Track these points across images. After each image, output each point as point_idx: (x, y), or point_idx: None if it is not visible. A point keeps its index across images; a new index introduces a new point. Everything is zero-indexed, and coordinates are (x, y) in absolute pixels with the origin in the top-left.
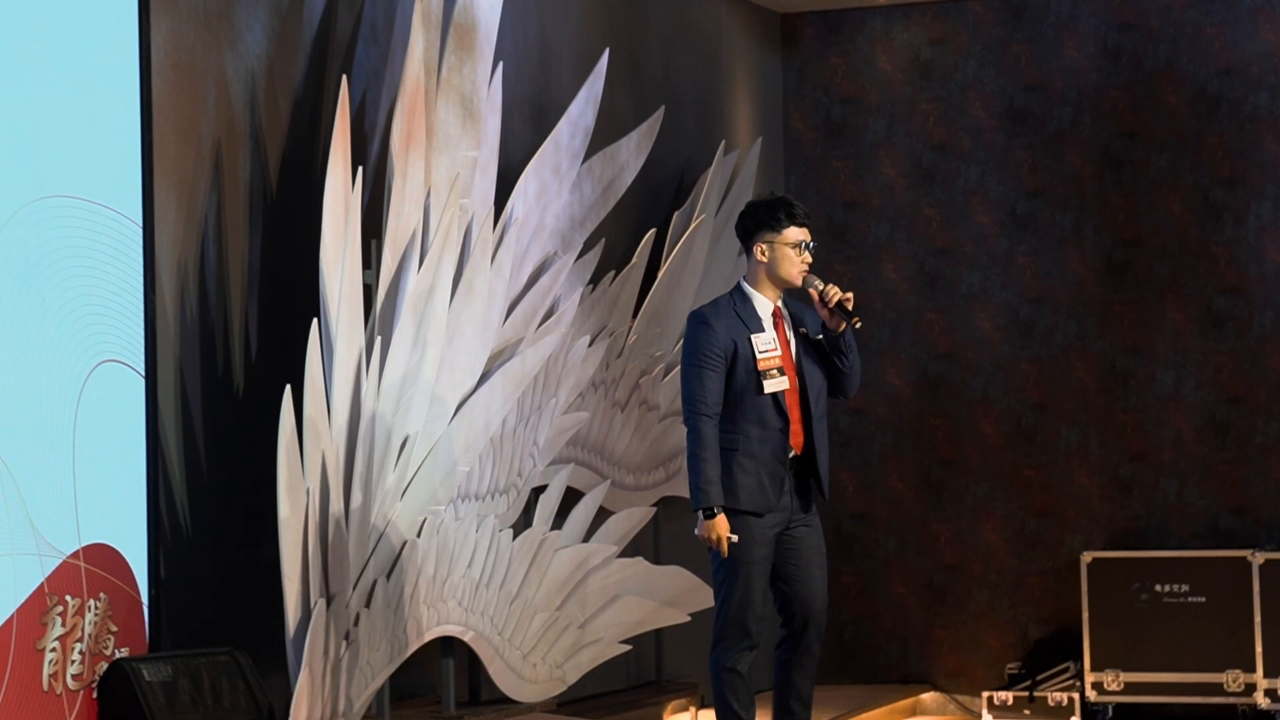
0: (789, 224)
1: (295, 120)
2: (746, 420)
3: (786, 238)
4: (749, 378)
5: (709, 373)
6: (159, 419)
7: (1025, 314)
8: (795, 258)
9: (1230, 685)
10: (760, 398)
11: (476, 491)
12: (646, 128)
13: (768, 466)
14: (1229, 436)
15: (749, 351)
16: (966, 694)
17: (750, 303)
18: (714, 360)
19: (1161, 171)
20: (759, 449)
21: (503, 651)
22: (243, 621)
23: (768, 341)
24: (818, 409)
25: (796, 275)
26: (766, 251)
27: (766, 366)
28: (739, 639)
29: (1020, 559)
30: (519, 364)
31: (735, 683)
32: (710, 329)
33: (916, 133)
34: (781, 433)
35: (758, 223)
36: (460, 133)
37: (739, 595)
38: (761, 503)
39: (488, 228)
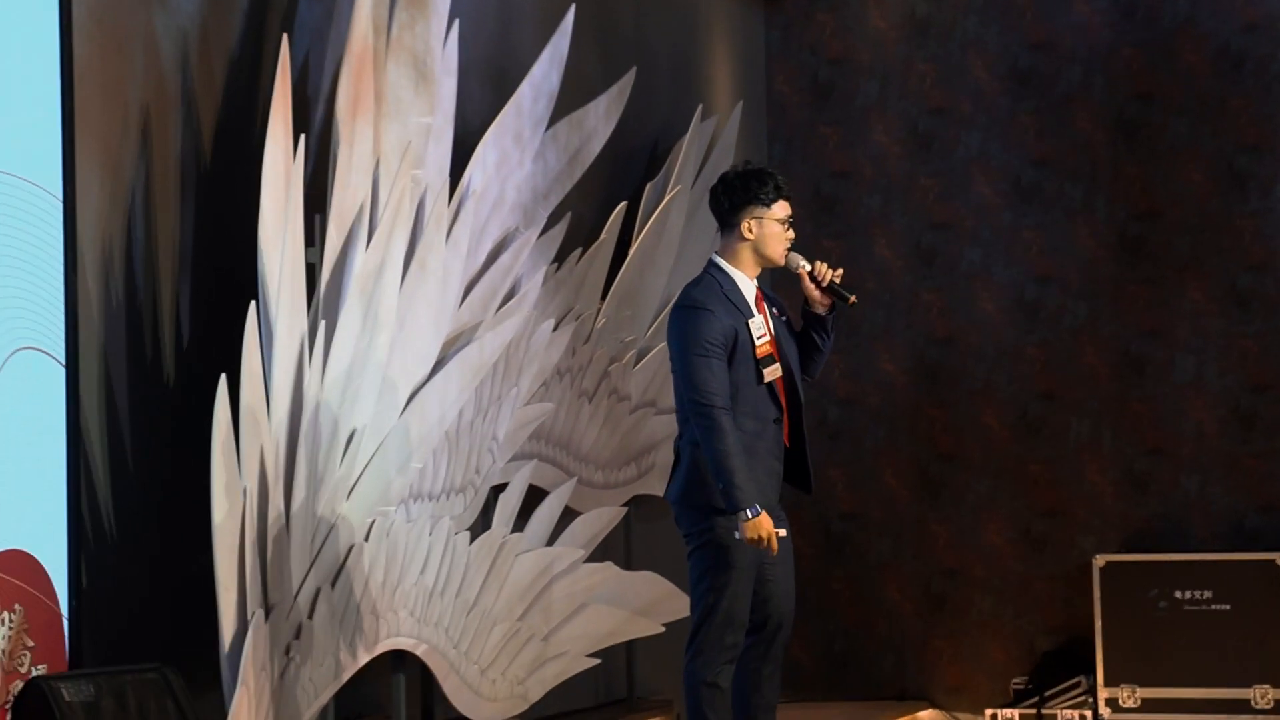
0: (778, 198)
1: (231, 84)
2: (743, 414)
3: (776, 213)
4: (747, 367)
5: (716, 362)
6: (81, 412)
7: (1031, 294)
8: (783, 235)
9: (1258, 701)
10: (758, 388)
11: (430, 491)
12: (616, 91)
13: (764, 462)
14: (1255, 428)
15: (748, 338)
16: (968, 711)
17: (735, 284)
18: (717, 349)
19: (1180, 138)
20: (755, 444)
21: (459, 666)
22: (173, 635)
23: (759, 327)
24: (801, 397)
25: (782, 254)
26: (754, 228)
27: (764, 354)
28: (721, 650)
29: (1026, 563)
30: (477, 350)
31: (716, 699)
32: (711, 314)
33: (912, 96)
34: (776, 424)
35: (747, 197)
36: (412, 97)
37: (727, 604)
38: (766, 498)
39: (442, 201)
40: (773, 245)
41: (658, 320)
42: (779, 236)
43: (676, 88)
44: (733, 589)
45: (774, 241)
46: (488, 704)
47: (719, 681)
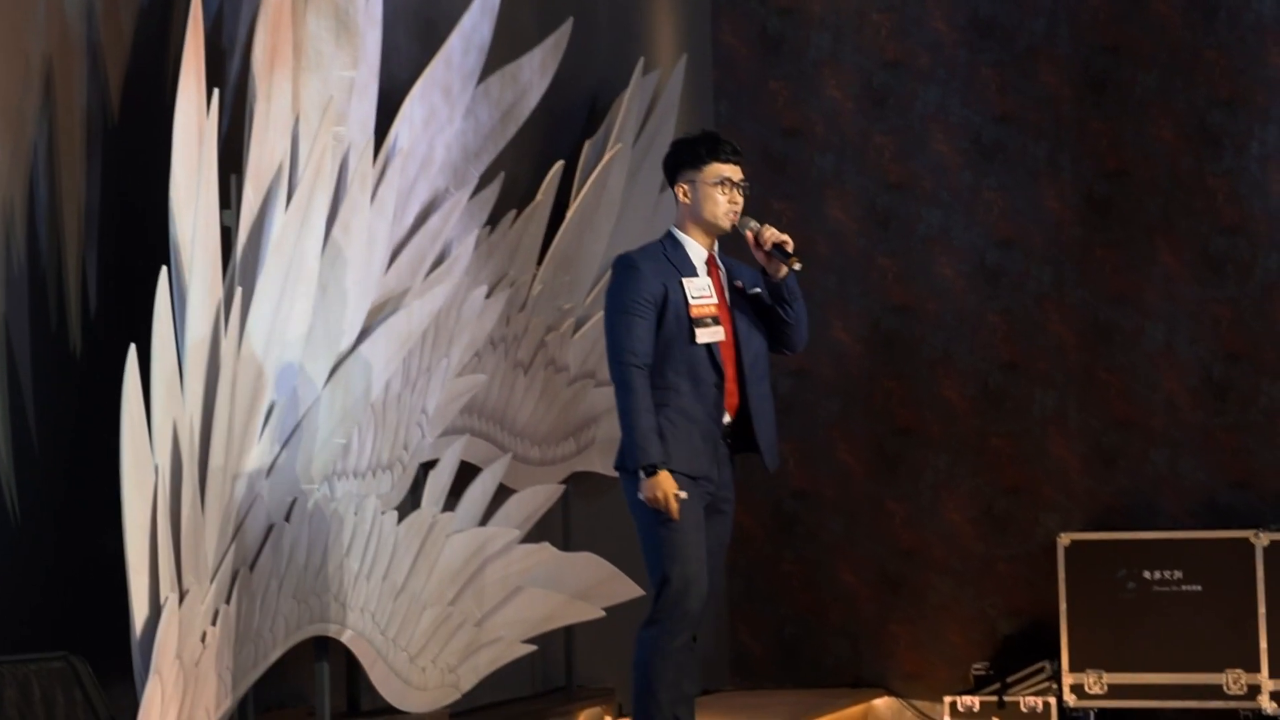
0: (710, 159)
1: (140, 34)
2: (677, 374)
3: (707, 175)
4: (679, 326)
5: (637, 320)
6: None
7: (993, 259)
8: (720, 197)
9: (1230, 687)
10: (692, 348)
11: (355, 468)
12: (552, 43)
13: (701, 426)
14: (1228, 399)
15: (680, 297)
16: (926, 699)
17: (682, 248)
18: (642, 306)
19: (1150, 92)
20: (691, 406)
21: (386, 654)
22: (81, 622)
23: (701, 287)
24: (755, 370)
25: (723, 217)
26: (689, 192)
27: (700, 314)
28: (681, 619)
29: (988, 543)
30: (404, 319)
31: (668, 672)
32: (638, 272)
33: (866, 48)
34: (717, 389)
35: (678, 161)
36: (334, 49)
37: (679, 569)
38: (694, 464)
39: (367, 160)
40: (709, 208)
41: (597, 287)
42: (715, 199)
43: (616, 40)
44: (685, 553)
45: (708, 204)
46: (417, 693)
47: (673, 654)
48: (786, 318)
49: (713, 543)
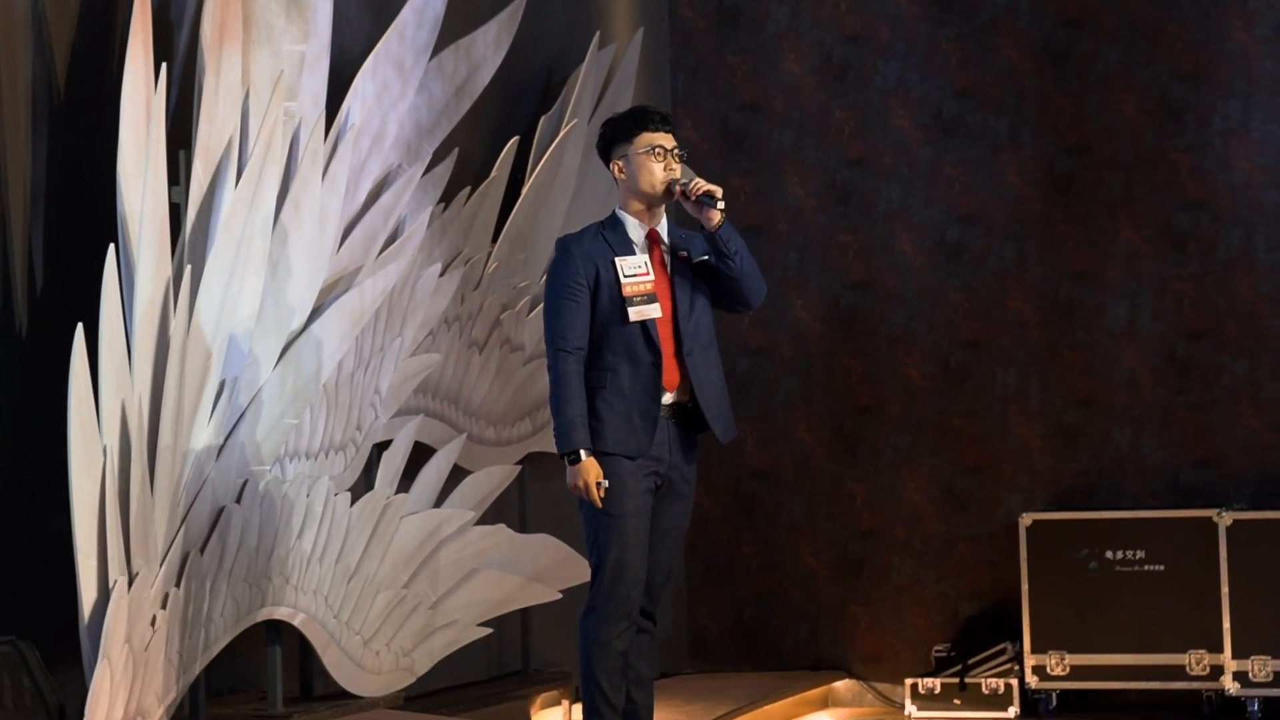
0: (638, 130)
1: (87, 7)
2: (614, 354)
3: (638, 145)
4: (614, 306)
5: (567, 303)
6: None
7: (954, 235)
8: (654, 165)
9: (1194, 668)
10: (627, 328)
11: (308, 448)
12: (507, 17)
13: (639, 405)
14: (1191, 377)
15: (613, 276)
16: (887, 681)
17: (621, 227)
18: (573, 290)
19: (1112, 66)
20: (629, 386)
21: (339, 637)
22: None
23: (635, 265)
24: (696, 340)
25: (659, 185)
26: (623, 167)
27: (633, 292)
28: (616, 607)
29: (949, 523)
30: (357, 297)
31: (609, 659)
32: (569, 255)
33: (825, 22)
34: (654, 367)
35: (609, 139)
36: (284, 23)
37: (614, 554)
38: (632, 444)
39: (318, 136)
40: (643, 178)
41: None
42: (649, 169)
43: (572, 13)
44: (619, 539)
45: (643, 174)
46: (371, 677)
47: (614, 643)
48: (730, 271)
49: (666, 524)
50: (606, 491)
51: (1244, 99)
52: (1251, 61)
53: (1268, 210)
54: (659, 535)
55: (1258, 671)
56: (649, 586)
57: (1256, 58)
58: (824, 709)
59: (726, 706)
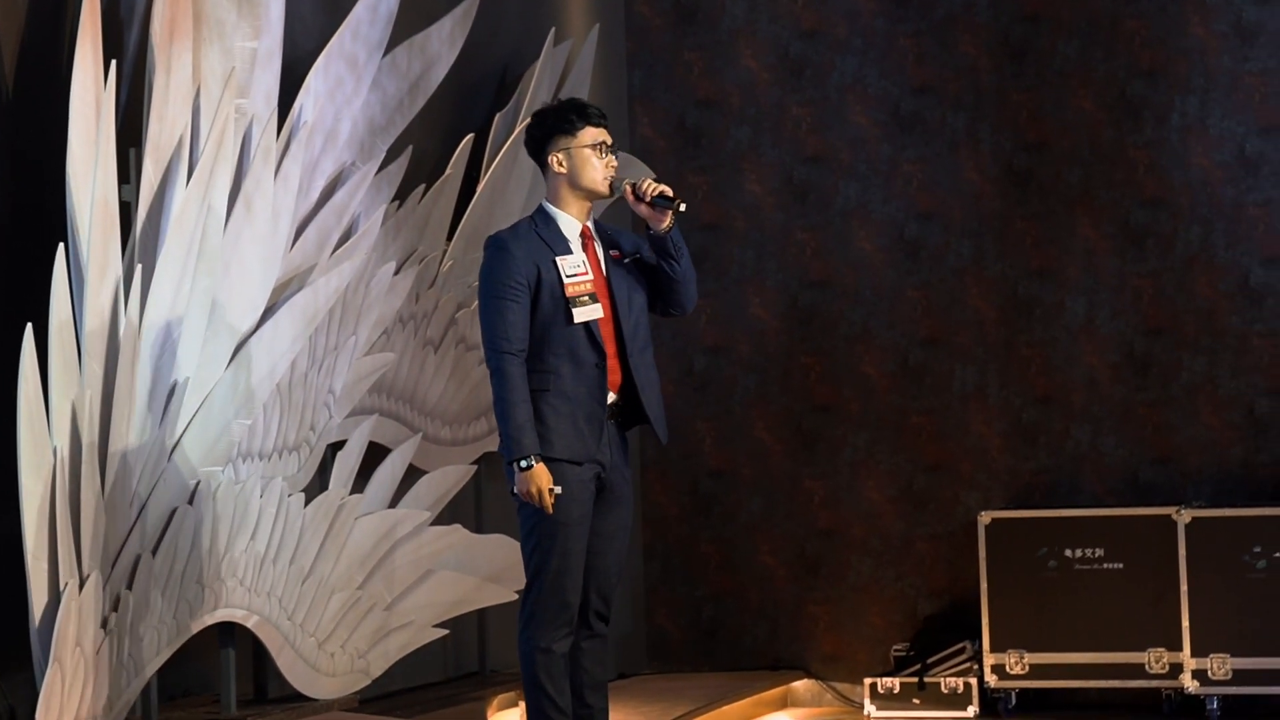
0: (583, 124)
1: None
2: (556, 356)
3: (583, 140)
4: (556, 307)
5: (510, 304)
6: None
7: (912, 232)
8: (597, 162)
9: (1153, 666)
10: (570, 329)
11: (261, 449)
12: (461, 13)
13: (584, 408)
14: (1150, 374)
15: (554, 276)
16: (846, 681)
17: (554, 223)
18: (514, 290)
19: (1070, 62)
20: (573, 388)
21: (294, 639)
22: None
23: (576, 264)
24: (635, 341)
25: (601, 182)
26: (563, 160)
27: (576, 293)
28: (557, 614)
29: (908, 522)
30: (310, 296)
31: (552, 664)
32: (508, 254)
33: (783, 17)
34: (598, 368)
35: (547, 130)
36: (236, 19)
37: (556, 562)
38: (579, 449)
39: (270, 133)
40: (587, 174)
41: None
42: (592, 164)
43: (527, 9)
44: (561, 546)
45: (587, 169)
46: (326, 679)
47: (553, 647)
48: (673, 274)
49: (612, 526)
50: (560, 501)
51: (1202, 95)
52: (1210, 58)
53: (1226, 207)
54: (605, 538)
55: (1217, 669)
56: (601, 590)
57: (1215, 54)
58: (783, 709)
59: (685, 707)
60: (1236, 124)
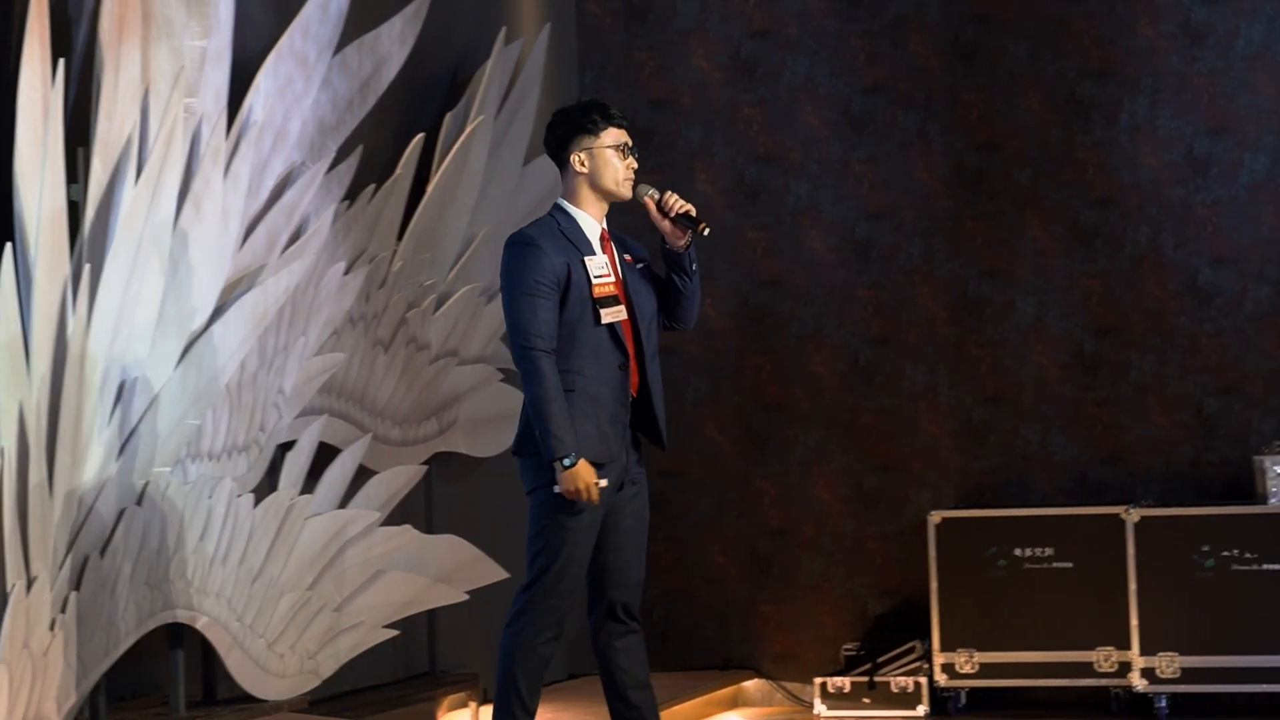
0: (606, 125)
1: None
2: (581, 357)
3: (605, 140)
4: (583, 307)
5: (542, 301)
6: None
7: (863, 232)
8: (619, 163)
9: (1101, 665)
10: (596, 330)
11: (210, 449)
12: (412, 12)
13: (608, 410)
14: (1099, 374)
15: (583, 276)
16: (797, 680)
17: (576, 224)
18: (546, 287)
19: (1020, 62)
20: (597, 389)
21: (243, 641)
22: None
23: (602, 266)
24: (650, 345)
25: (623, 184)
26: (585, 160)
27: (603, 294)
28: (546, 615)
29: (859, 521)
30: (260, 296)
31: (532, 663)
32: (539, 250)
33: (734, 17)
34: (621, 370)
35: (570, 129)
36: (185, 18)
37: (559, 566)
38: (603, 451)
39: (220, 132)
40: (608, 175)
41: (460, 263)
42: (614, 166)
43: (478, 9)
44: (568, 551)
45: (608, 171)
46: (275, 680)
47: (539, 647)
48: (684, 290)
49: (629, 521)
50: (568, 502)
51: (1151, 95)
52: (1158, 58)
53: (1174, 207)
54: (624, 534)
55: (1165, 668)
56: (626, 585)
57: (1163, 54)
58: (733, 709)
59: None
60: (1185, 124)
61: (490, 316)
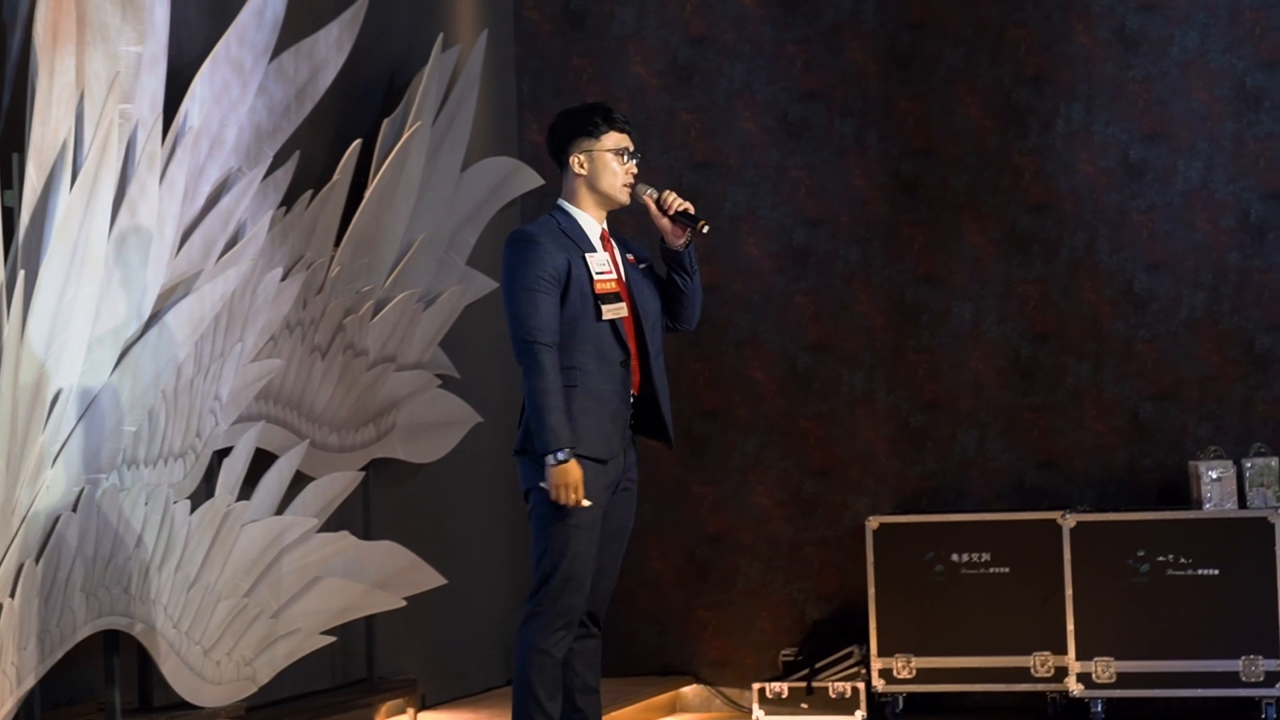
0: (607, 128)
1: None
2: (583, 353)
3: (605, 144)
4: (584, 303)
5: (543, 296)
6: None
7: (800, 238)
8: (618, 167)
9: (1038, 670)
10: (597, 327)
11: (146, 456)
12: (348, 18)
13: (610, 406)
14: (1036, 379)
15: (584, 272)
16: (734, 686)
17: (577, 223)
18: (547, 282)
19: (956, 69)
20: (599, 385)
21: (179, 647)
22: None
23: (603, 262)
24: (654, 343)
25: (620, 188)
26: (584, 162)
27: (604, 290)
28: (559, 617)
29: (796, 527)
30: (196, 302)
31: (545, 667)
32: (540, 246)
33: (671, 24)
34: (623, 366)
35: (571, 130)
36: (120, 23)
37: (565, 564)
38: (604, 447)
39: (155, 138)
40: (607, 178)
41: (397, 269)
42: (613, 169)
43: (415, 15)
44: (574, 549)
45: (607, 174)
46: (212, 687)
47: (551, 650)
48: (684, 288)
49: (615, 525)
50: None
51: (1086, 102)
52: (1094, 65)
53: (1110, 213)
54: (607, 537)
55: (1101, 673)
56: (599, 590)
57: (1099, 61)
58: (672, 714)
59: None
60: (1120, 131)
61: (428, 322)
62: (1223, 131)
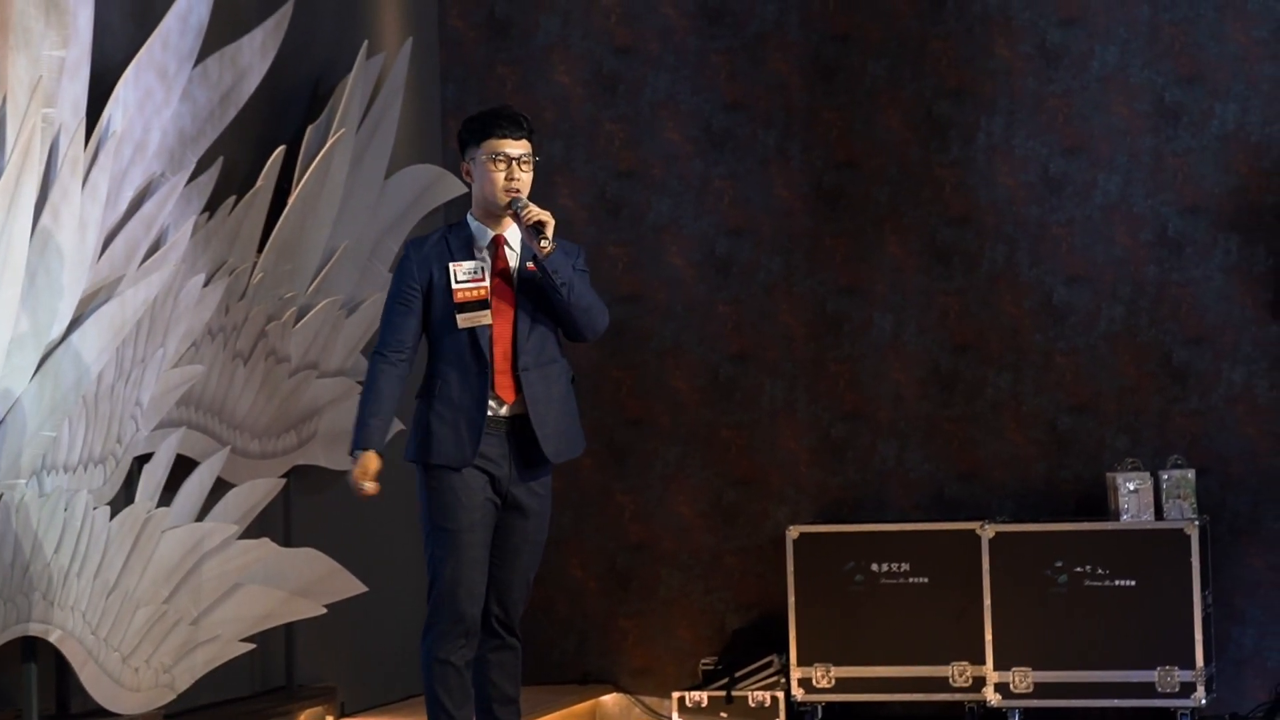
0: (486, 135)
1: None
2: (445, 362)
3: (484, 150)
4: (447, 312)
5: (396, 306)
6: None
7: (723, 248)
8: (496, 175)
9: (956, 680)
10: (458, 335)
11: (66, 462)
12: (273, 24)
13: (466, 414)
14: (956, 390)
15: (446, 281)
16: (654, 695)
17: (466, 230)
18: (404, 294)
19: (879, 81)
20: (459, 395)
21: (97, 654)
22: None
23: (470, 270)
24: (531, 356)
25: (499, 194)
26: (470, 170)
27: (464, 298)
28: (452, 623)
29: (717, 536)
30: (118, 307)
31: (448, 676)
32: (408, 258)
33: (596, 33)
34: (480, 377)
35: (462, 140)
36: (43, 27)
37: (449, 570)
38: (456, 455)
39: (78, 143)
40: (486, 186)
41: (320, 275)
42: (490, 178)
43: (340, 22)
44: (454, 554)
45: (485, 181)
46: (130, 694)
47: (452, 659)
48: (557, 300)
49: (516, 540)
50: (438, 507)
51: (1007, 116)
52: (1015, 79)
53: (1030, 226)
54: (509, 552)
55: (1018, 683)
56: (504, 602)
57: (1020, 75)
58: None
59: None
60: (1040, 144)
61: (350, 329)
62: (1142, 146)
